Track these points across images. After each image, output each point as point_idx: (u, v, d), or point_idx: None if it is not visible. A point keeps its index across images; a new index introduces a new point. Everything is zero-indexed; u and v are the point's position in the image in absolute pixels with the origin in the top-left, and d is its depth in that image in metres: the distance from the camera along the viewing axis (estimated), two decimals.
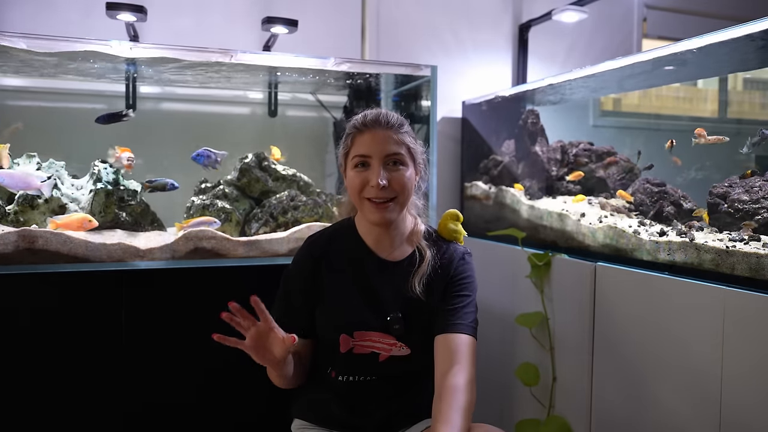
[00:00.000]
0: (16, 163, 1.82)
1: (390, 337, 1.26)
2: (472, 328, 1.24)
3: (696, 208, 1.64)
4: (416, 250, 1.31)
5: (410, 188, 1.26)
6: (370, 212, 1.24)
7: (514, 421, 1.92)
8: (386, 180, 1.21)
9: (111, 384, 1.61)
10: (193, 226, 1.76)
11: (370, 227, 1.30)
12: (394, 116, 1.27)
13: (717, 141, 1.56)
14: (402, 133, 1.26)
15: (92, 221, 1.67)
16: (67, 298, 1.57)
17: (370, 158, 1.23)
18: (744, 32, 1.35)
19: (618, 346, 1.58)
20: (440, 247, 1.33)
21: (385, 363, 1.27)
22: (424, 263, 1.28)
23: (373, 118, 1.25)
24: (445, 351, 1.20)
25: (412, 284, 1.26)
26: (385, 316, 1.26)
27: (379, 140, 1.23)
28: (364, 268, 1.30)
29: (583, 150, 2.12)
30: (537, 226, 2.06)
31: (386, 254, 1.31)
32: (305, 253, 1.33)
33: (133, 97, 2.15)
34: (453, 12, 2.64)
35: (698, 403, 1.35)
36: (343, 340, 1.26)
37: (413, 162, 1.28)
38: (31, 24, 2.07)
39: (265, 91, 2.35)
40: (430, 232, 1.36)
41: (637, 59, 1.69)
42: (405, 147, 1.26)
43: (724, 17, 3.08)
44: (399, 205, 1.25)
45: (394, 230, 1.30)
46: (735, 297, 1.27)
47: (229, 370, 1.69)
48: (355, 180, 1.24)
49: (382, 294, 1.28)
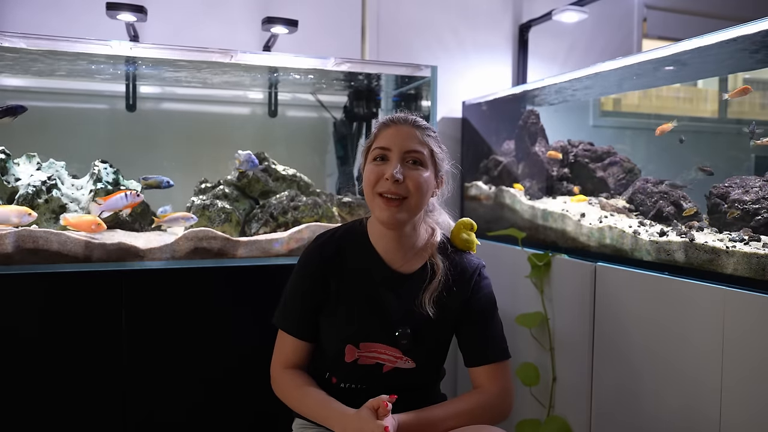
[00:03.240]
0: (16, 163, 1.83)
1: (396, 350, 1.23)
2: (506, 349, 1.28)
3: (686, 207, 1.65)
4: (428, 264, 1.26)
5: (425, 192, 1.21)
6: (379, 209, 1.19)
7: (514, 421, 1.92)
8: (401, 175, 1.17)
9: (111, 384, 1.61)
10: (170, 221, 1.77)
11: (381, 234, 1.26)
12: (423, 121, 1.26)
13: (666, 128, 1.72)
14: (428, 135, 1.23)
15: (101, 224, 1.68)
16: (67, 298, 1.57)
17: (390, 151, 1.20)
18: (744, 32, 1.35)
19: (618, 346, 1.58)
20: (453, 260, 1.28)
21: (389, 374, 1.24)
22: (435, 279, 1.24)
23: (403, 115, 1.25)
24: (486, 379, 1.25)
25: (422, 301, 1.22)
26: (393, 330, 1.22)
27: (402, 135, 1.21)
28: (373, 278, 1.25)
29: (584, 150, 2.12)
30: (537, 226, 2.06)
31: (397, 265, 1.26)
32: (315, 255, 1.28)
33: (133, 97, 2.15)
34: (453, 12, 2.64)
35: (698, 403, 1.35)
36: (349, 350, 1.23)
37: (434, 168, 1.24)
38: (32, 24, 2.08)
39: (265, 92, 2.35)
40: (446, 246, 1.31)
41: (637, 59, 1.69)
42: (428, 149, 1.23)
43: (724, 17, 3.08)
44: (410, 207, 1.20)
45: (407, 239, 1.25)
46: (735, 297, 1.27)
47: (229, 370, 1.70)
48: (370, 174, 1.20)
49: (392, 307, 1.24)
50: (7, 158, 1.77)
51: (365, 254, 1.27)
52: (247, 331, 1.68)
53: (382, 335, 1.23)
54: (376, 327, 1.23)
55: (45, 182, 1.73)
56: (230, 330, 1.70)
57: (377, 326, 1.23)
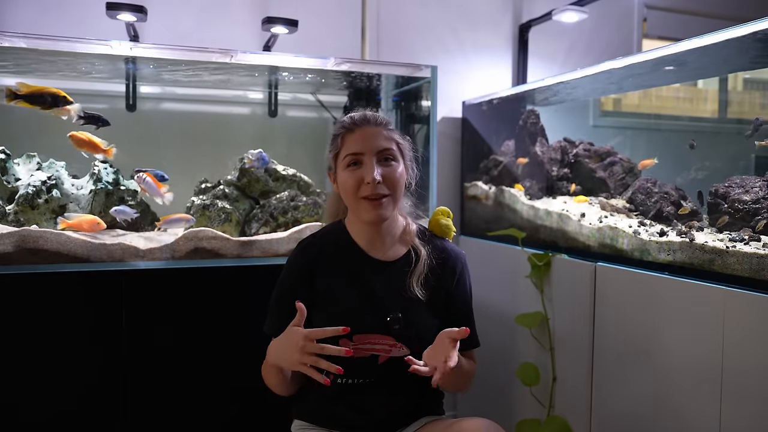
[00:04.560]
0: (16, 163, 1.83)
1: (389, 338, 1.26)
2: (477, 338, 1.37)
3: (682, 206, 1.66)
4: (411, 250, 1.32)
5: (402, 184, 1.28)
6: (366, 211, 1.24)
7: (514, 421, 1.92)
8: (380, 176, 1.22)
9: (111, 384, 1.61)
10: (170, 223, 1.78)
11: (361, 228, 1.31)
12: (381, 115, 1.31)
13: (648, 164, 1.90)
14: (390, 129, 1.29)
15: (101, 224, 1.68)
16: (67, 298, 1.57)
17: (363, 155, 1.24)
18: (744, 32, 1.35)
19: (618, 346, 1.58)
20: (435, 245, 1.35)
21: (385, 365, 1.26)
22: (420, 263, 1.29)
23: (362, 117, 1.28)
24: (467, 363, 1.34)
25: (410, 284, 1.27)
26: (383, 317, 1.26)
27: (371, 136, 1.25)
28: (359, 271, 1.30)
29: (584, 150, 2.12)
30: (537, 226, 2.06)
31: (380, 255, 1.31)
32: (298, 258, 1.33)
33: (134, 97, 2.15)
34: (453, 12, 2.64)
35: (698, 403, 1.35)
36: (343, 344, 1.23)
37: (403, 158, 1.30)
38: (32, 24, 2.07)
39: (266, 91, 2.35)
40: (423, 231, 1.37)
41: (637, 59, 1.69)
42: (395, 143, 1.28)
43: (724, 17, 3.08)
44: (393, 201, 1.26)
45: (386, 230, 1.31)
46: (735, 297, 1.27)
47: (229, 370, 1.70)
48: (348, 181, 1.24)
49: (380, 295, 1.28)
50: (7, 158, 1.77)
51: (348, 250, 1.32)
52: (246, 331, 1.68)
53: (375, 324, 1.26)
54: (368, 317, 1.26)
55: (45, 182, 1.73)
56: (230, 330, 1.70)
57: (369, 316, 1.26)
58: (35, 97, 1.63)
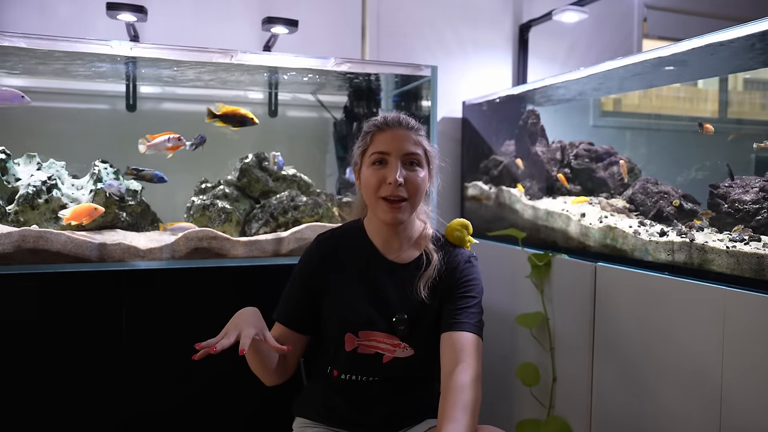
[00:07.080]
0: (16, 163, 1.83)
1: (394, 338, 1.26)
2: (478, 327, 1.24)
3: (686, 207, 1.66)
4: (423, 254, 1.32)
5: (423, 191, 1.28)
6: (383, 212, 1.24)
7: (514, 421, 1.92)
8: (403, 179, 1.23)
9: (111, 384, 1.61)
10: (175, 230, 1.79)
11: (379, 228, 1.32)
12: (414, 120, 1.31)
13: None
14: (420, 135, 1.29)
15: (98, 208, 1.69)
16: (67, 298, 1.57)
17: (389, 155, 1.24)
18: (744, 32, 1.35)
19: (618, 346, 1.58)
20: (447, 252, 1.34)
21: (389, 364, 1.27)
22: (430, 267, 1.29)
23: (394, 118, 1.29)
24: (450, 349, 1.20)
25: (417, 287, 1.27)
26: (390, 317, 1.27)
27: (400, 139, 1.25)
28: (371, 269, 1.31)
29: (584, 150, 2.12)
30: (537, 227, 2.06)
31: (394, 256, 1.32)
32: (314, 251, 1.35)
33: (134, 97, 2.15)
34: (453, 12, 2.64)
35: (698, 403, 1.35)
36: (349, 338, 1.26)
37: (428, 166, 1.30)
38: (32, 24, 2.07)
39: (266, 91, 2.35)
40: (438, 237, 1.37)
41: (637, 59, 1.69)
42: (422, 149, 1.28)
43: (724, 17, 3.08)
44: (411, 206, 1.26)
45: (403, 232, 1.31)
46: (735, 297, 1.27)
47: (230, 370, 1.69)
48: (371, 178, 1.25)
49: (389, 295, 1.28)
50: (7, 158, 1.77)
51: (364, 247, 1.33)
52: None
53: (381, 323, 1.27)
54: (375, 314, 1.27)
55: (45, 182, 1.73)
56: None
57: (375, 314, 1.27)
58: (229, 117, 1.79)
